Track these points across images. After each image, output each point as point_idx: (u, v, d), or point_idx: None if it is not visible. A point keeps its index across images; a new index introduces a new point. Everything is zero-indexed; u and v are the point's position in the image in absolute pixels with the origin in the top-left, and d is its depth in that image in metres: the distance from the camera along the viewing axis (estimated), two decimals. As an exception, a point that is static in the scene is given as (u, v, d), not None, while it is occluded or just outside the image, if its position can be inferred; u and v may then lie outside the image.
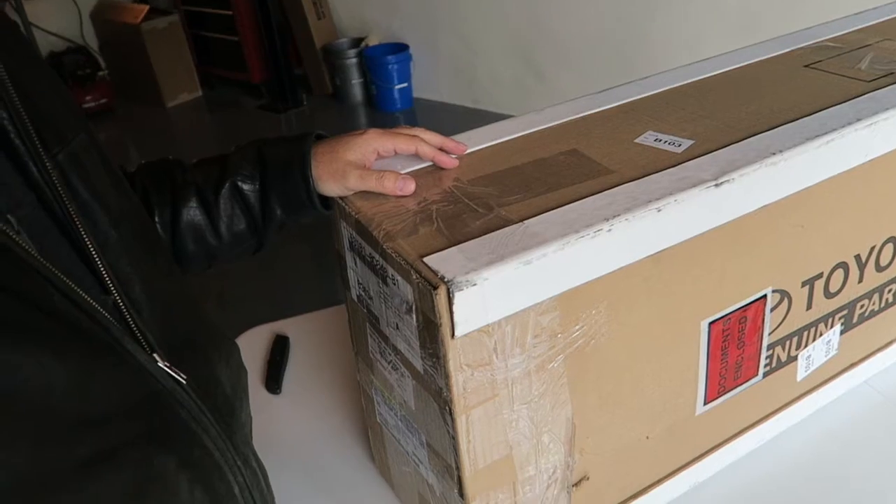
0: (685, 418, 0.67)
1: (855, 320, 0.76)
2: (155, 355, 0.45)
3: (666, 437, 0.66)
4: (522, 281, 0.50)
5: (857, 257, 0.71)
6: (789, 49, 0.82)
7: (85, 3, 3.99)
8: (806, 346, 0.72)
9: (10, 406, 0.36)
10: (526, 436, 0.56)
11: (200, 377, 0.49)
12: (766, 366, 0.70)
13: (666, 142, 0.64)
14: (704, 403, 0.67)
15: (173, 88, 3.92)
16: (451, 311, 0.48)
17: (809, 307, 0.70)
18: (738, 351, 0.66)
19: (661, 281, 0.58)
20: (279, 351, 0.95)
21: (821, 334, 0.73)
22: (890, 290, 0.77)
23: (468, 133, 0.69)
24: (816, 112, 0.66)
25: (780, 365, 0.71)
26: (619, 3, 2.82)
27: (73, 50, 3.87)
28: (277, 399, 0.90)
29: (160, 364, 0.45)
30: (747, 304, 0.64)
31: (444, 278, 0.48)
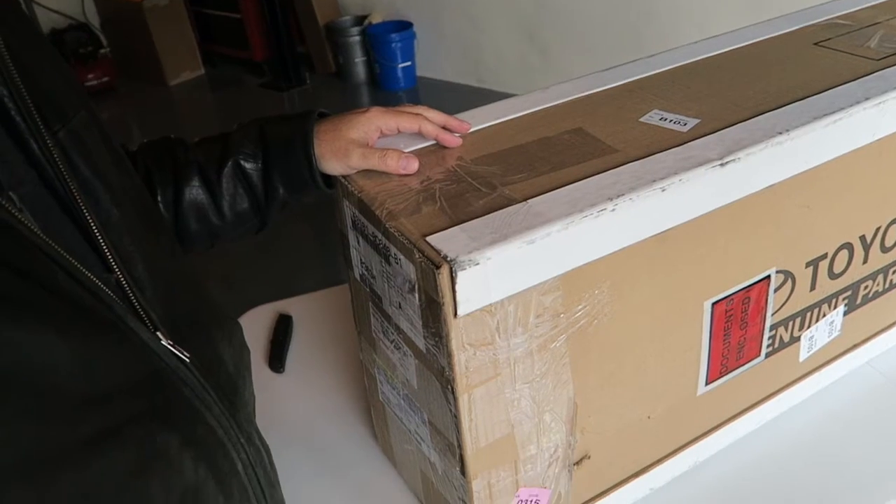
0: (687, 398, 0.67)
1: (858, 301, 0.75)
2: (158, 333, 0.45)
3: (667, 417, 0.66)
4: (525, 260, 0.50)
5: (861, 238, 0.71)
6: (798, 27, 0.81)
7: (86, -21, 3.96)
8: (809, 326, 0.72)
9: (13, 383, 0.36)
10: (528, 415, 0.57)
11: (203, 356, 0.49)
12: (768, 346, 0.70)
13: (671, 121, 0.63)
14: (706, 384, 0.67)
15: (175, 66, 3.90)
16: (453, 291, 0.48)
17: (813, 288, 0.70)
18: (741, 331, 0.66)
19: (665, 261, 0.58)
20: (282, 330, 0.95)
21: (824, 315, 0.73)
22: (894, 272, 0.77)
23: (472, 111, 0.68)
24: (824, 91, 0.65)
25: (783, 345, 0.71)
26: (625, -20, 2.79)
27: (75, 27, 3.84)
28: (281, 378, 0.90)
29: (163, 342, 0.45)
30: (751, 285, 0.64)
31: (446, 257, 0.48)
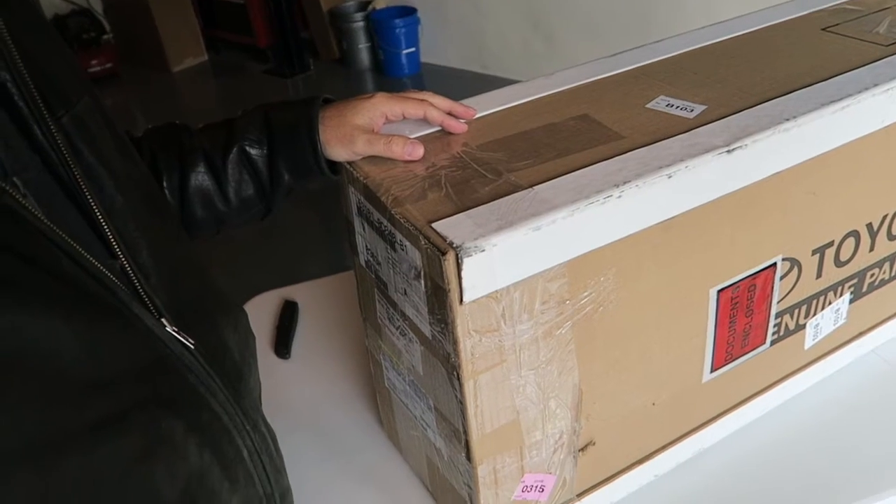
0: (692, 385, 0.67)
1: (865, 289, 0.75)
2: (163, 320, 0.45)
3: (672, 404, 0.66)
4: (531, 247, 0.50)
5: (868, 226, 0.70)
6: (806, 12, 0.80)
7: (89, -36, 3.94)
8: (815, 314, 0.72)
9: (18, 368, 0.36)
10: (533, 401, 0.57)
11: (208, 342, 0.50)
12: (773, 334, 0.69)
13: (678, 107, 0.63)
14: (711, 371, 0.67)
15: (179, 53, 3.88)
16: (459, 277, 0.48)
17: (819, 275, 0.70)
18: (747, 319, 0.66)
19: (671, 248, 0.57)
20: (288, 316, 0.96)
21: (830, 303, 0.73)
22: (901, 259, 0.76)
23: (477, 97, 0.68)
24: (832, 77, 0.65)
25: (788, 333, 0.71)
26: (631, -35, 2.76)
27: (78, 12, 3.83)
28: (287, 364, 0.90)
29: (168, 329, 0.45)
30: (757, 272, 0.64)
31: (452, 244, 0.48)
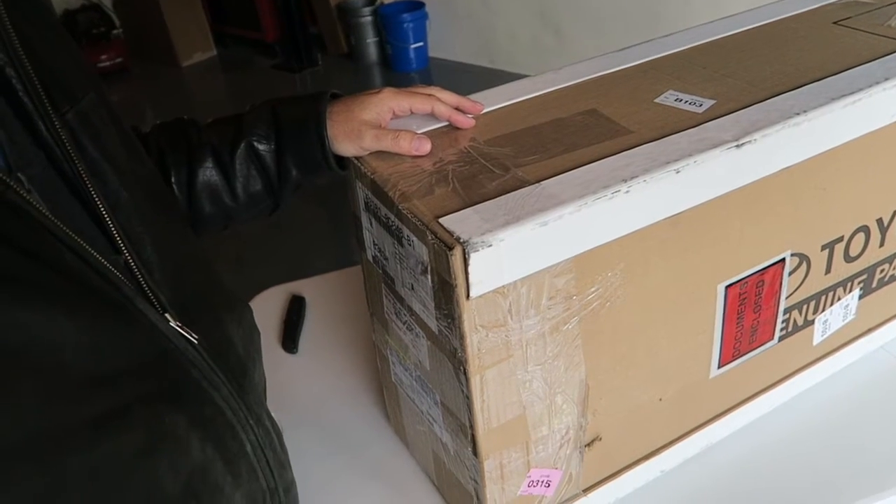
0: (699, 381, 0.67)
1: (874, 285, 0.75)
2: (167, 315, 0.45)
3: (679, 400, 0.66)
4: (538, 242, 0.50)
5: (878, 221, 0.70)
6: (817, 5, 0.80)
7: (98, -41, 3.95)
8: (823, 310, 0.72)
9: (21, 363, 0.36)
10: (539, 396, 0.57)
11: (212, 338, 0.50)
12: (782, 330, 0.69)
13: (687, 101, 0.62)
14: (718, 367, 0.67)
15: (187, 47, 3.90)
16: (466, 272, 0.48)
17: (828, 271, 0.69)
18: (754, 315, 0.66)
19: (679, 243, 0.57)
20: (295, 311, 0.96)
21: (839, 298, 0.72)
22: (912, 255, 0.76)
23: (485, 92, 0.68)
24: (843, 71, 0.64)
25: (797, 329, 0.71)
26: (640, -41, 2.75)
27: (88, 7, 3.84)
28: (294, 358, 0.91)
29: (172, 324, 0.45)
30: (765, 268, 0.64)
31: (459, 239, 0.48)
